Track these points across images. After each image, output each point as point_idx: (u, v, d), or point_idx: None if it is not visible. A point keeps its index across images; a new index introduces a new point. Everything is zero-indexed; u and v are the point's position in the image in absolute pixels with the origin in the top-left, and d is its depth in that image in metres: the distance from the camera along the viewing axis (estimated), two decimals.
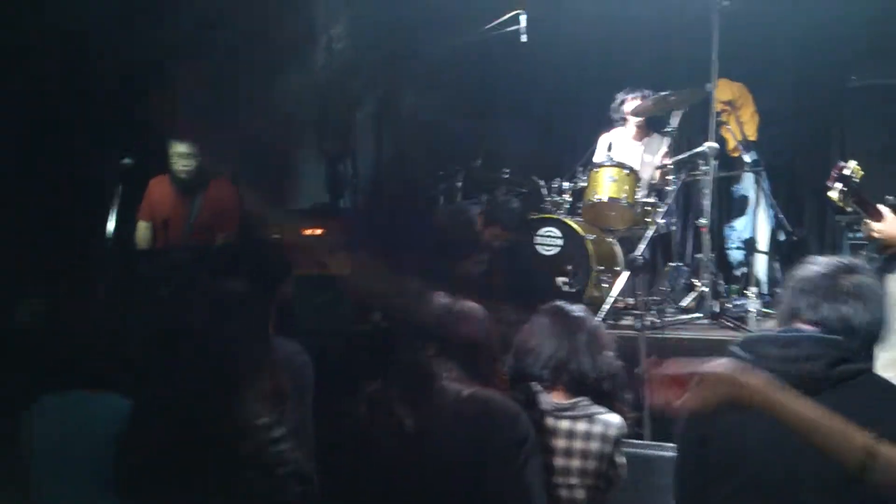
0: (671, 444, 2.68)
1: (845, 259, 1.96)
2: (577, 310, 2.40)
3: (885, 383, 1.84)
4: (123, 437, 1.95)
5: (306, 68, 6.32)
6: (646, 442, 2.96)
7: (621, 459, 2.25)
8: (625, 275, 3.60)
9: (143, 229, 5.04)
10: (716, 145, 4.69)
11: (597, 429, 2.22)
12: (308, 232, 5.83)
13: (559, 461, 2.19)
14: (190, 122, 5.19)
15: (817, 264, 1.95)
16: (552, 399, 2.26)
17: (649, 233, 3.96)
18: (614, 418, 2.25)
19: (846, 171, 3.02)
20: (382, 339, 2.19)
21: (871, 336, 1.88)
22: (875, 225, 3.05)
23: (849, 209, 3.11)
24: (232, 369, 1.98)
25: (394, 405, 1.97)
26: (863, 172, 3.07)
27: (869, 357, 1.87)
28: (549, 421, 2.22)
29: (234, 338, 2.04)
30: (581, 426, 2.22)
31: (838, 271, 1.90)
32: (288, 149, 6.42)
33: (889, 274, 3.89)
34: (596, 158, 5.53)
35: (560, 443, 2.20)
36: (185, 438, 1.86)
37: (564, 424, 2.22)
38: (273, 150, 6.10)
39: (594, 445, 2.20)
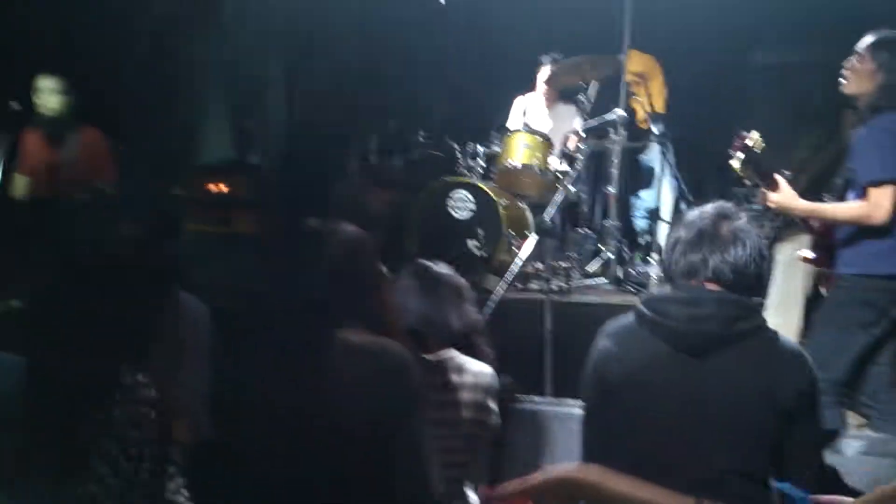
0: (570, 401, 2.77)
1: (717, 206, 2.01)
2: (438, 266, 2.41)
3: (778, 339, 1.93)
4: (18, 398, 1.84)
5: (214, 18, 6.08)
6: (545, 398, 3.02)
7: (494, 407, 2.30)
8: (533, 238, 3.64)
9: (18, 181, 4.78)
10: (624, 113, 4.78)
11: (469, 379, 2.26)
12: (212, 187, 5.66)
13: (437, 414, 2.21)
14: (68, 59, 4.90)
15: (694, 217, 2.00)
16: (423, 354, 2.27)
17: (558, 197, 4.01)
18: (485, 368, 2.30)
19: (748, 142, 3.12)
20: (277, 294, 2.13)
21: (758, 279, 1.96)
22: (771, 195, 3.18)
23: (747, 180, 3.22)
24: (121, 321, 1.90)
25: (283, 359, 1.89)
26: (764, 145, 3.17)
27: (760, 310, 1.95)
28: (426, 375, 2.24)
29: (123, 289, 1.95)
30: (455, 378, 2.25)
31: (716, 220, 1.96)
32: (192, 102, 6.18)
33: (780, 243, 4.08)
34: (510, 123, 5.56)
35: (436, 396, 2.21)
36: (65, 401, 1.78)
37: (438, 378, 2.24)
38: (174, 102, 5.87)
39: (468, 395, 2.25)
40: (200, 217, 5.51)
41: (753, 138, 3.14)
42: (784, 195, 3.14)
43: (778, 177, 3.16)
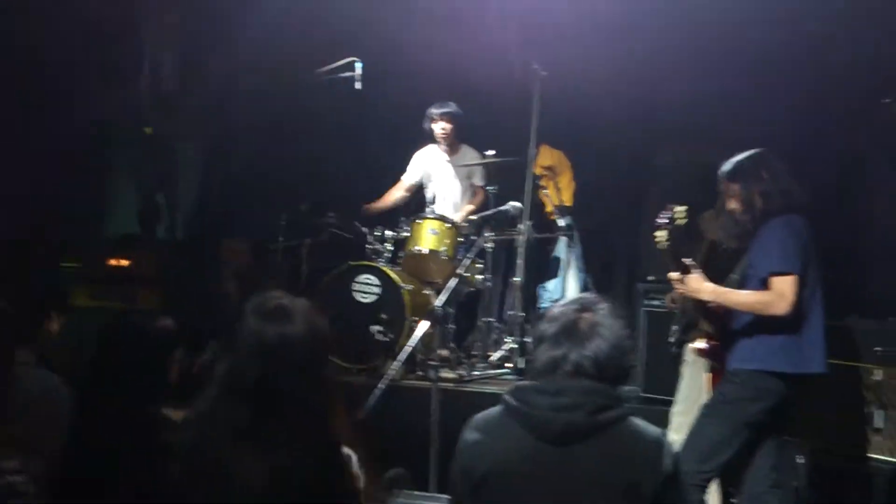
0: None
1: (579, 299, 2.05)
2: None
3: (641, 429, 1.95)
4: None
5: (127, 94, 6.04)
6: (423, 493, 2.94)
7: None
8: (423, 324, 3.62)
9: None
10: (519, 205, 4.86)
11: None
12: (114, 262, 5.51)
13: None
14: None
15: (556, 312, 2.02)
16: None
17: (452, 283, 4.00)
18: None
19: (672, 214, 3.27)
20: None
21: (619, 372, 1.98)
22: (683, 279, 3.27)
23: (665, 258, 3.31)
24: None
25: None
26: (686, 219, 3.29)
27: (622, 400, 1.96)
28: None
29: None
30: None
31: (576, 313, 1.99)
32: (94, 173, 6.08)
33: (688, 343, 4.07)
34: (406, 176, 5.72)
35: None
36: None
37: None
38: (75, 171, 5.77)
39: None
40: (101, 292, 5.36)
41: (678, 210, 3.27)
42: (694, 279, 3.24)
43: (689, 263, 3.27)
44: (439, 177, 5.70)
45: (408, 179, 5.79)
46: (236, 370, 1.81)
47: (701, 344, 3.39)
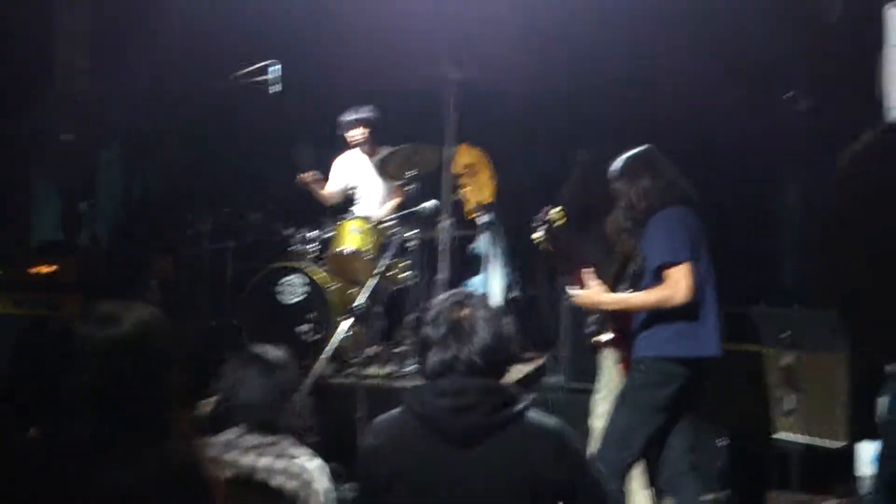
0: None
1: (453, 295, 2.10)
2: (273, 350, 2.42)
3: (540, 423, 2.00)
4: None
5: (43, 98, 5.94)
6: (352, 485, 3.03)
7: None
8: (346, 322, 3.68)
9: None
10: (435, 202, 4.95)
11: (279, 464, 2.24)
12: (37, 270, 5.42)
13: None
14: None
15: (434, 313, 2.05)
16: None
17: (372, 282, 4.06)
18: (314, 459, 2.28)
19: (549, 217, 3.36)
20: None
21: (507, 358, 2.05)
22: (579, 293, 3.36)
23: (550, 258, 3.42)
24: None
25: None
26: (564, 219, 3.39)
27: (519, 396, 2.01)
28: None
29: None
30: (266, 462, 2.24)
31: (455, 311, 2.02)
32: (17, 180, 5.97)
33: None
34: (329, 186, 5.69)
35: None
36: None
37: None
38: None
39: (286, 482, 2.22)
40: (25, 300, 5.25)
41: (554, 212, 3.38)
42: (591, 292, 3.33)
43: (585, 273, 3.34)
44: (362, 179, 5.74)
45: (330, 188, 5.75)
46: (71, 380, 1.76)
47: (605, 336, 3.50)
